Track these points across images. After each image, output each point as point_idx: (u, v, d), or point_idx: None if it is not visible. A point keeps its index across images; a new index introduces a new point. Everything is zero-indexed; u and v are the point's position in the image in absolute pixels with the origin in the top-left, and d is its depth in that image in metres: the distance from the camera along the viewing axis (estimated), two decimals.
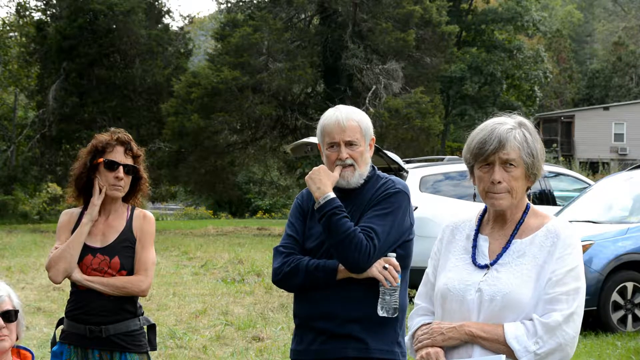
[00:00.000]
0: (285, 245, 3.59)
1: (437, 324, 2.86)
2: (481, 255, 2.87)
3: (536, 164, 2.83)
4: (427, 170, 11.85)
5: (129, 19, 33.34)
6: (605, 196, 11.14)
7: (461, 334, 2.77)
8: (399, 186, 3.60)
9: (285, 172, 37.25)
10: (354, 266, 3.39)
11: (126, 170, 4.07)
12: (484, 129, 2.84)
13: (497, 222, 2.91)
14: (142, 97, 35.34)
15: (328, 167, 3.56)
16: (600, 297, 9.48)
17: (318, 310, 3.50)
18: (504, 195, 2.81)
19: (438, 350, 2.81)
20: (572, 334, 2.71)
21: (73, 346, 4.01)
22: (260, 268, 14.81)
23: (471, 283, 2.82)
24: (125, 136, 4.13)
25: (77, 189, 4.14)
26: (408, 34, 29.59)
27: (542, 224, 2.85)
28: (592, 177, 26.13)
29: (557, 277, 2.73)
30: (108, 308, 4.00)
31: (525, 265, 2.78)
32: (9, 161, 37.11)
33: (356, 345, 3.46)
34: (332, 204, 3.42)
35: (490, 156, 2.79)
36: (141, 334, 4.11)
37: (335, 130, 3.53)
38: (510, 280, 2.76)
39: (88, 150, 4.12)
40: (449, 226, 3.04)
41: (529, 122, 2.90)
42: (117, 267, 4.02)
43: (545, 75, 49.82)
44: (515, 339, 2.69)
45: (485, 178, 2.82)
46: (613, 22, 78.43)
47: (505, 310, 2.74)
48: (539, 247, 2.79)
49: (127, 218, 4.13)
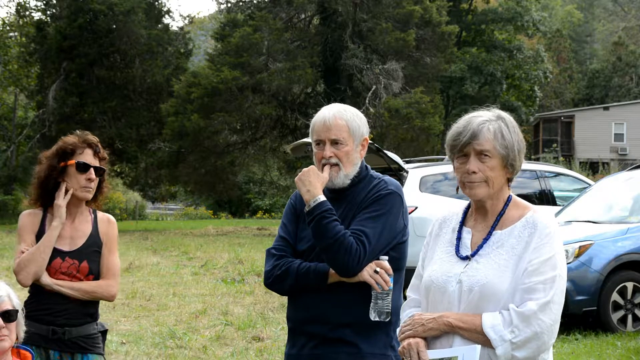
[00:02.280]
0: (277, 248, 3.54)
1: (418, 315, 2.90)
2: (464, 247, 2.92)
3: (512, 155, 2.85)
4: (427, 170, 11.84)
5: (129, 19, 33.35)
6: (605, 196, 11.14)
7: (440, 324, 2.81)
8: (391, 187, 3.52)
9: (285, 172, 37.25)
10: (344, 270, 3.35)
11: (96, 172, 4.06)
12: (460, 122, 2.91)
13: (479, 214, 2.95)
14: (142, 97, 35.34)
15: (316, 165, 3.52)
16: (600, 297, 9.47)
17: (310, 315, 3.47)
18: (479, 185, 2.85)
19: (419, 341, 2.84)
20: (548, 322, 2.74)
21: (35, 347, 3.96)
22: (260, 268, 14.81)
23: (452, 275, 2.86)
24: (94, 138, 4.11)
25: (41, 192, 4.08)
26: (408, 34, 29.59)
27: (522, 215, 2.89)
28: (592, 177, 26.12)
29: (533, 266, 2.76)
30: (73, 311, 4.02)
31: (503, 255, 2.82)
32: (9, 161, 37.13)
33: (348, 350, 3.42)
34: (321, 207, 3.36)
35: (465, 147, 2.85)
36: (98, 336, 4.14)
37: (321, 129, 3.49)
38: (488, 270, 2.80)
39: (54, 153, 4.08)
40: (438, 220, 3.08)
41: (508, 115, 2.94)
42: (85, 271, 4.02)
43: (545, 75, 49.83)
44: (492, 328, 2.72)
45: (461, 169, 2.87)
46: (613, 22, 78.45)
47: (483, 300, 2.78)
48: (517, 238, 2.83)
49: (92, 221, 4.12)
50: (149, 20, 35.08)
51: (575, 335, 9.23)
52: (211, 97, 28.84)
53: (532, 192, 12.83)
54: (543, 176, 12.85)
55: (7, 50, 37.82)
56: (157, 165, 34.51)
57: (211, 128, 28.84)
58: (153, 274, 14.64)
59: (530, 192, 12.83)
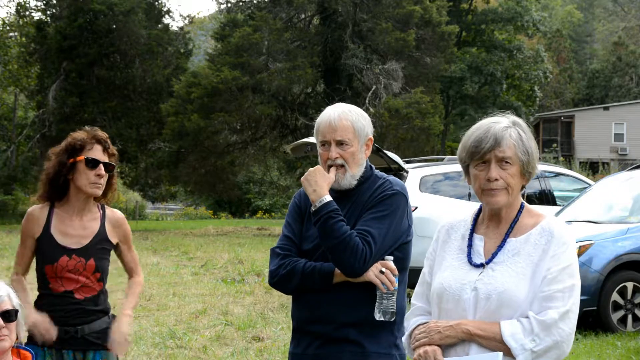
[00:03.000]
0: (282, 247, 3.55)
1: (434, 322, 2.87)
2: (476, 254, 2.89)
3: (531, 162, 2.85)
4: (427, 170, 11.85)
5: (129, 19, 33.35)
6: (605, 196, 11.14)
7: (458, 332, 2.79)
8: (396, 187, 3.53)
9: (285, 172, 37.28)
10: (350, 270, 3.36)
11: (105, 167, 4.02)
12: (480, 128, 2.87)
13: (492, 221, 2.92)
14: (142, 97, 35.33)
15: (321, 165, 3.53)
16: (600, 297, 9.47)
17: (314, 314, 3.48)
18: (500, 192, 2.83)
19: (435, 349, 2.82)
20: (568, 331, 2.73)
21: (47, 347, 3.96)
22: (260, 268, 14.82)
23: (467, 282, 2.83)
24: (103, 134, 4.08)
25: (49, 189, 4.04)
26: (408, 34, 29.59)
27: (536, 222, 2.87)
28: (592, 177, 26.13)
29: (552, 274, 2.75)
30: (84, 309, 4.00)
31: (520, 263, 2.80)
32: (9, 161, 37.12)
33: (353, 349, 3.43)
34: (327, 208, 3.38)
35: (487, 154, 2.82)
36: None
37: (326, 129, 3.49)
38: (505, 278, 2.78)
39: (63, 149, 4.04)
40: (444, 226, 3.05)
41: (523, 121, 2.92)
42: (92, 269, 3.99)
43: (545, 75, 49.84)
44: (512, 337, 2.70)
45: (481, 176, 2.84)
46: (613, 22, 78.46)
47: (501, 308, 2.76)
48: (533, 246, 2.81)
49: (100, 218, 4.09)
50: (149, 20, 35.08)
51: (575, 335, 9.23)
52: (211, 97, 28.83)
53: (532, 192, 12.83)
54: (543, 176, 12.85)
55: (7, 50, 37.80)
56: (157, 165, 34.51)
57: (211, 128, 28.83)
58: (153, 274, 14.63)
59: (530, 192, 12.82)
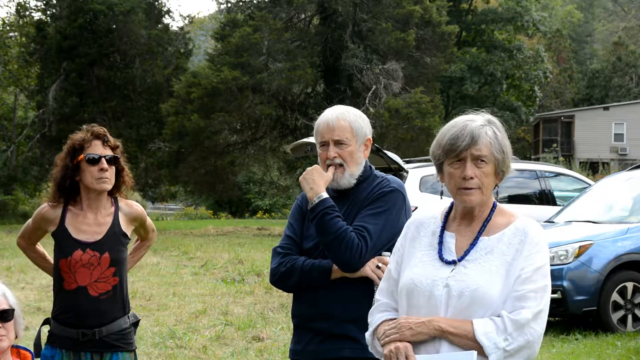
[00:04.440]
0: (283, 246, 3.62)
1: (404, 318, 2.83)
2: (448, 251, 2.87)
3: (506, 160, 2.84)
4: (427, 170, 11.85)
5: (129, 19, 33.36)
6: (605, 196, 11.14)
7: (430, 329, 2.76)
8: (393, 185, 3.59)
9: (285, 172, 37.25)
10: (346, 265, 3.41)
11: (108, 160, 4.03)
12: (455, 126, 2.85)
13: (464, 219, 2.91)
14: (142, 97, 35.34)
15: (320, 166, 3.59)
16: (600, 297, 9.47)
17: (315, 311, 3.53)
18: (475, 191, 2.81)
19: (407, 345, 2.79)
20: (539, 331, 2.73)
21: (65, 350, 3.96)
22: (260, 268, 14.81)
23: (438, 278, 2.81)
24: (100, 129, 4.10)
25: (59, 192, 4.09)
26: (408, 34, 29.58)
27: (509, 222, 2.86)
28: (592, 177, 26.11)
29: (526, 274, 2.74)
30: (103, 310, 3.98)
31: (494, 262, 2.79)
32: (9, 161, 37.11)
33: (353, 346, 3.46)
34: (324, 204, 3.45)
35: (463, 152, 2.80)
36: (130, 331, 4.12)
37: (325, 130, 3.56)
38: (478, 276, 2.77)
39: (66, 152, 4.09)
40: (414, 222, 3.02)
41: (497, 119, 2.91)
42: (107, 263, 3.99)
43: (545, 75, 49.85)
44: (485, 335, 2.69)
45: (456, 174, 2.82)
46: (613, 22, 78.46)
47: (473, 306, 2.74)
48: (507, 245, 2.80)
49: (114, 212, 4.11)
50: (149, 20, 35.09)
51: (575, 335, 9.23)
52: (211, 97, 28.83)
53: (532, 192, 12.84)
54: (543, 176, 12.85)
55: (7, 50, 37.77)
56: (157, 165, 34.51)
57: (211, 128, 28.82)
58: (153, 274, 14.63)
59: (530, 192, 12.83)
